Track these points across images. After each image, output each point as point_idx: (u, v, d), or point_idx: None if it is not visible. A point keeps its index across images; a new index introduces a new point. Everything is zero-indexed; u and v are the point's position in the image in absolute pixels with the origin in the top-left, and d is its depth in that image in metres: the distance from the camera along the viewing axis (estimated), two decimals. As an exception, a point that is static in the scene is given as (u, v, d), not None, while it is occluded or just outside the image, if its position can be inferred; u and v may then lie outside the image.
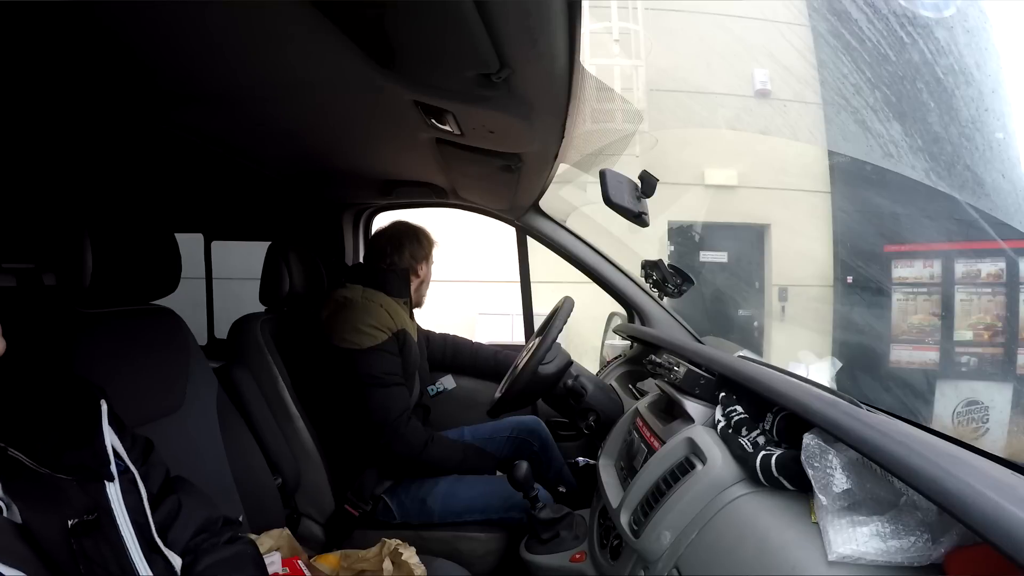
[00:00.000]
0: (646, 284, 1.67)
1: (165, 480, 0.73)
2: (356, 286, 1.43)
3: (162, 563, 0.64)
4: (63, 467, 0.58)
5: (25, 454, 0.57)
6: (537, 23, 0.59)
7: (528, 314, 1.94)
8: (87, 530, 0.57)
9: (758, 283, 5.89)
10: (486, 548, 1.32)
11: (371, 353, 1.33)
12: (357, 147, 1.24)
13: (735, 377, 0.88)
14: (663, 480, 0.83)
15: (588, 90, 2.83)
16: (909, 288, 4.85)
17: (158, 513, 0.68)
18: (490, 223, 1.85)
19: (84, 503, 0.58)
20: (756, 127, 5.52)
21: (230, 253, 2.24)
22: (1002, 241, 4.20)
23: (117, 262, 0.91)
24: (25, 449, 0.57)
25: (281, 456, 1.30)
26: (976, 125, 4.25)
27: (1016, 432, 4.13)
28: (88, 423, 0.63)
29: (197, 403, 1.07)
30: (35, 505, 0.56)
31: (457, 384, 1.76)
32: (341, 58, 0.70)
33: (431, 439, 1.36)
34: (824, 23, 4.96)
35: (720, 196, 5.68)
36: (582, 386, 1.31)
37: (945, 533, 0.51)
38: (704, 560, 0.71)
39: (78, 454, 0.60)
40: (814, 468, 0.61)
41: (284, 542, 1.06)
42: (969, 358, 4.53)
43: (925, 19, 4.20)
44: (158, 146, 1.21)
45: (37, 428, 0.59)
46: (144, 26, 0.66)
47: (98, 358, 0.91)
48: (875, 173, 4.87)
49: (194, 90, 0.88)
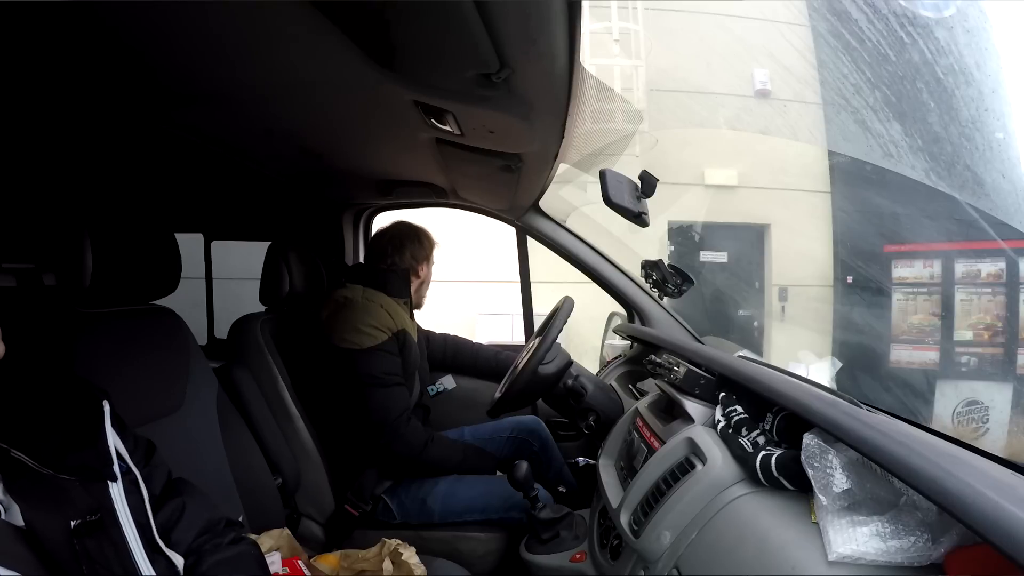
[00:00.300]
0: (646, 284, 1.67)
1: (167, 482, 0.73)
2: (356, 286, 1.43)
3: (164, 563, 0.64)
4: (66, 468, 0.58)
5: (28, 455, 0.56)
6: (537, 23, 0.59)
7: (528, 314, 1.94)
8: (90, 530, 0.57)
9: (758, 283, 5.89)
10: (486, 548, 1.32)
11: (371, 353, 1.33)
12: (357, 147, 1.24)
13: (735, 377, 0.88)
14: (663, 480, 0.83)
15: (588, 90, 2.83)
16: (909, 288, 4.85)
17: (161, 514, 0.68)
18: (490, 223, 1.85)
19: (87, 504, 0.58)
20: (756, 127, 5.52)
21: (230, 253, 2.24)
22: (1002, 241, 4.20)
23: (117, 262, 0.91)
24: (28, 450, 0.57)
25: (281, 456, 1.30)
26: (976, 125, 4.25)
27: (1016, 432, 4.13)
28: (91, 424, 0.63)
29: (197, 403, 1.07)
30: (38, 506, 0.56)
31: (457, 384, 1.76)
32: (341, 58, 0.70)
33: (431, 439, 1.36)
34: (824, 23, 4.96)
35: (720, 196, 5.68)
36: (582, 386, 1.31)
37: (945, 533, 0.51)
38: (704, 560, 0.71)
39: (81, 455, 0.60)
40: (814, 468, 0.61)
41: (284, 542, 1.06)
42: (969, 358, 4.53)
43: (925, 19, 4.20)
44: (158, 146, 1.21)
45: (39, 429, 0.59)
46: (144, 26, 0.66)
47: (98, 358, 0.91)
48: (875, 173, 4.87)
49: (194, 90, 0.88)
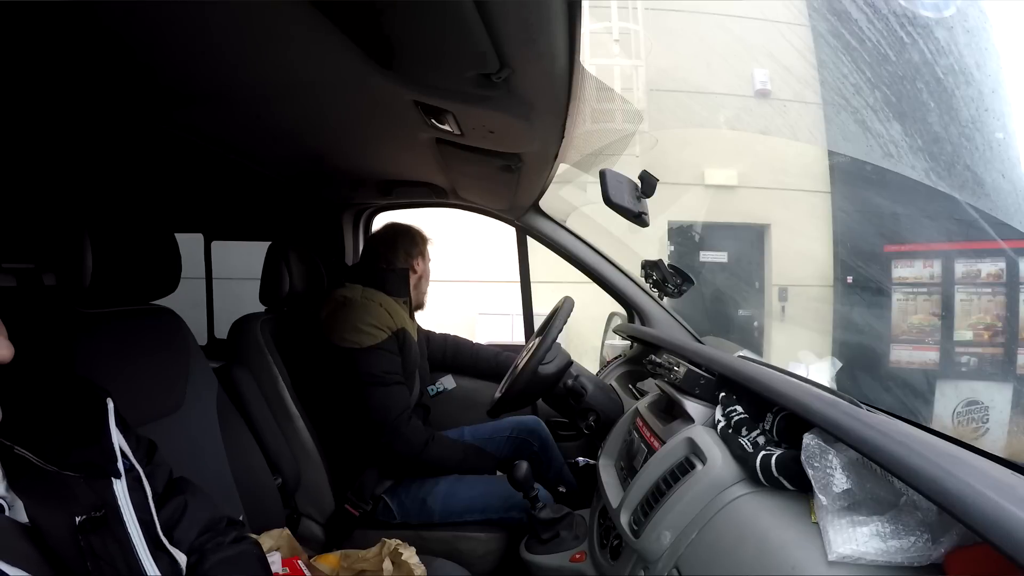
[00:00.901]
0: (646, 284, 1.67)
1: (169, 480, 0.73)
2: (356, 286, 1.43)
3: (168, 561, 0.64)
4: (70, 464, 0.58)
5: (32, 452, 0.57)
6: (537, 23, 0.59)
7: (528, 314, 1.94)
8: (95, 527, 0.57)
9: (758, 283, 5.89)
10: (486, 548, 1.32)
11: (371, 352, 1.33)
12: (357, 147, 1.24)
13: (735, 377, 0.88)
14: (663, 480, 0.83)
15: (588, 90, 2.83)
16: (909, 288, 4.85)
17: (163, 512, 0.68)
18: (490, 223, 1.85)
19: (91, 500, 0.58)
20: (756, 127, 5.52)
21: (230, 253, 2.24)
22: (1002, 241, 4.20)
23: (117, 262, 0.91)
24: (31, 447, 0.57)
25: (281, 456, 1.30)
26: (976, 125, 4.25)
27: (1016, 432, 4.13)
28: (95, 421, 0.64)
29: (197, 403, 1.07)
30: (42, 502, 0.56)
31: (457, 384, 1.76)
32: (341, 58, 0.70)
33: (431, 438, 1.36)
34: (824, 23, 4.96)
35: (720, 196, 5.68)
36: (582, 386, 1.31)
37: (945, 533, 0.51)
38: (704, 560, 0.71)
39: (85, 451, 0.60)
40: (814, 468, 0.61)
41: (284, 542, 1.06)
42: (969, 358, 4.53)
43: (925, 19, 4.20)
44: (158, 146, 1.21)
45: (43, 427, 0.59)
46: (144, 26, 0.66)
47: (98, 358, 0.91)
48: (875, 173, 4.87)
49: (194, 90, 0.88)
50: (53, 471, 0.57)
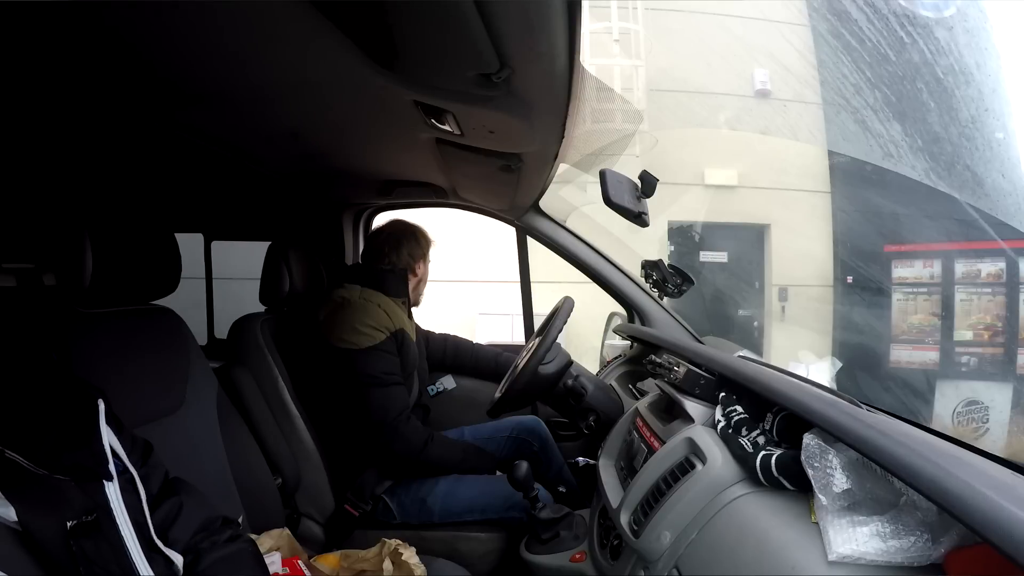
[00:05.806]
0: (646, 284, 1.67)
1: (165, 481, 0.73)
2: (354, 286, 1.43)
3: (163, 562, 0.64)
4: (61, 468, 0.58)
5: (22, 455, 0.56)
6: (537, 23, 0.59)
7: (528, 314, 1.94)
8: (87, 531, 0.57)
9: (758, 283, 5.89)
10: (486, 548, 1.32)
11: (369, 353, 1.33)
12: (357, 147, 1.24)
13: (735, 377, 0.88)
14: (663, 480, 0.83)
15: (588, 90, 2.83)
16: (909, 288, 4.85)
17: (158, 513, 0.67)
18: (490, 223, 1.85)
19: (83, 504, 0.58)
20: (756, 127, 5.52)
21: (230, 253, 2.23)
22: (1002, 241, 4.20)
23: (117, 262, 0.91)
24: (22, 451, 0.56)
25: (281, 456, 1.30)
26: (976, 125, 4.25)
27: (1016, 432, 4.13)
28: (85, 423, 0.63)
29: (197, 403, 1.07)
30: (33, 507, 0.56)
31: (457, 384, 1.76)
32: (341, 58, 0.70)
33: (431, 438, 1.36)
34: (824, 23, 4.96)
35: (720, 196, 5.68)
36: (582, 386, 1.31)
37: (945, 533, 0.51)
38: (704, 560, 0.71)
39: (76, 454, 0.60)
40: (814, 468, 0.61)
41: (284, 542, 1.07)
42: (969, 358, 4.53)
43: (925, 19, 4.20)
44: (158, 146, 1.21)
45: (34, 430, 0.59)
46: (145, 26, 0.66)
47: (98, 358, 0.90)
48: (875, 173, 4.87)
49: (194, 90, 0.88)
50: (44, 475, 0.57)
